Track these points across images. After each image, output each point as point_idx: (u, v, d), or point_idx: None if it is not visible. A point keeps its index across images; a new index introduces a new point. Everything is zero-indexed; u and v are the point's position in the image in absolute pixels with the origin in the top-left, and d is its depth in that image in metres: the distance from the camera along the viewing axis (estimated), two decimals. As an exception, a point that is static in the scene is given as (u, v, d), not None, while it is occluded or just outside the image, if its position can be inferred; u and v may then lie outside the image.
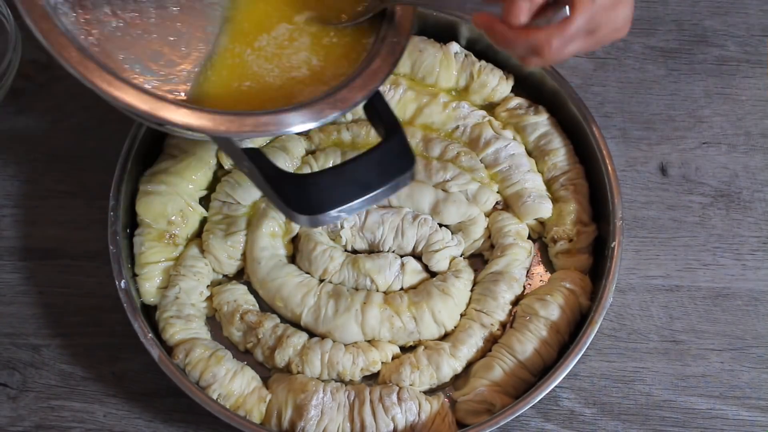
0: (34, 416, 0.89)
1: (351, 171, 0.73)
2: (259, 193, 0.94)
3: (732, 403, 0.91)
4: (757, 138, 1.02)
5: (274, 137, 0.95)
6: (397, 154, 0.75)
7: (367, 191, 0.73)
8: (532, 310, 0.89)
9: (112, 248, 0.88)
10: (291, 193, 0.72)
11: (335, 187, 0.72)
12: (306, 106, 0.73)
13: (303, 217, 0.72)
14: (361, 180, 0.73)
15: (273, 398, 0.85)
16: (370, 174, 0.73)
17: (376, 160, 0.74)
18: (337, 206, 0.72)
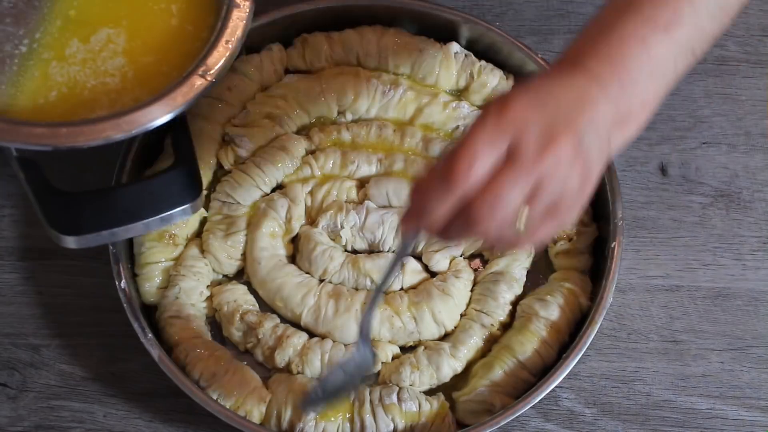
0: (33, 416, 0.89)
1: (120, 196, 0.70)
2: (260, 193, 0.94)
3: (732, 403, 0.91)
4: (757, 138, 1.02)
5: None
6: (181, 185, 0.72)
7: (132, 220, 0.70)
8: (532, 310, 0.89)
9: (112, 248, 0.87)
10: (56, 212, 0.69)
11: (100, 212, 0.69)
12: (92, 122, 0.69)
13: (63, 237, 0.69)
14: (129, 208, 0.70)
15: (273, 398, 0.85)
16: (141, 202, 0.70)
17: (152, 189, 0.71)
18: (97, 230, 0.69)
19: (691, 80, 1.05)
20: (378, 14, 1.00)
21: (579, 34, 0.68)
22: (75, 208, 0.69)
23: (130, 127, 0.69)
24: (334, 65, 1.00)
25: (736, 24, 1.07)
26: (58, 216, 0.69)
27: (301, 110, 0.98)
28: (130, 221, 0.70)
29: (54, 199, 0.70)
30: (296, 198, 0.93)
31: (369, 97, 0.97)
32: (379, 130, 0.96)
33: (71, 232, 0.69)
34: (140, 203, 0.70)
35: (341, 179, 0.94)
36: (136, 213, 0.70)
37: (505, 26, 1.01)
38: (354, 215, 0.92)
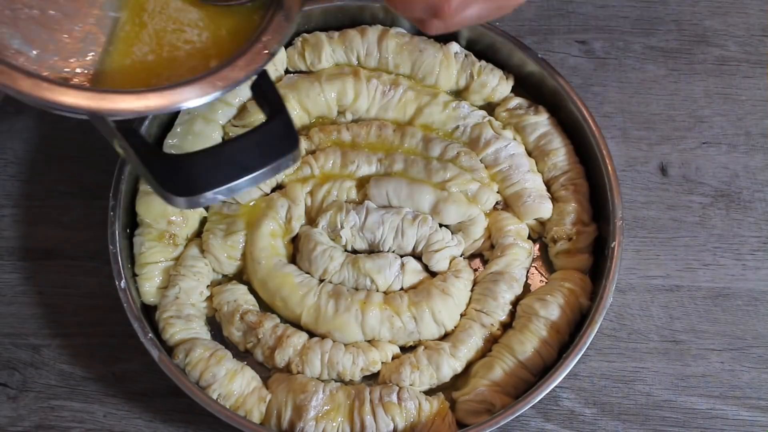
0: (33, 416, 0.89)
1: (229, 152, 0.70)
2: (260, 193, 0.94)
3: (732, 403, 0.91)
4: (757, 138, 1.02)
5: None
6: (280, 135, 0.72)
7: (246, 173, 0.70)
8: (532, 310, 0.89)
9: (112, 248, 0.88)
10: (166, 174, 0.69)
11: (213, 168, 0.69)
12: (184, 84, 0.70)
13: (178, 198, 0.69)
14: (240, 161, 0.70)
15: (273, 398, 0.85)
16: (250, 155, 0.71)
17: (256, 140, 0.71)
18: (214, 188, 0.69)
19: (691, 80, 1.05)
20: (378, 14, 1.00)
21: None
22: (187, 169, 0.69)
23: (224, 84, 0.71)
24: (334, 65, 1.00)
25: (736, 24, 1.07)
26: (172, 179, 0.69)
27: (301, 110, 0.98)
28: (241, 175, 0.70)
29: (164, 162, 0.70)
30: (296, 198, 0.93)
31: (369, 97, 0.98)
32: (379, 130, 0.96)
33: (187, 192, 0.69)
34: (249, 156, 0.71)
35: (341, 179, 0.94)
36: (247, 166, 0.70)
37: (505, 26, 1.01)
38: (354, 215, 0.92)
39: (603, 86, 1.04)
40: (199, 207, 0.81)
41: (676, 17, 1.08)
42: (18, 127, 1.00)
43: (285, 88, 0.97)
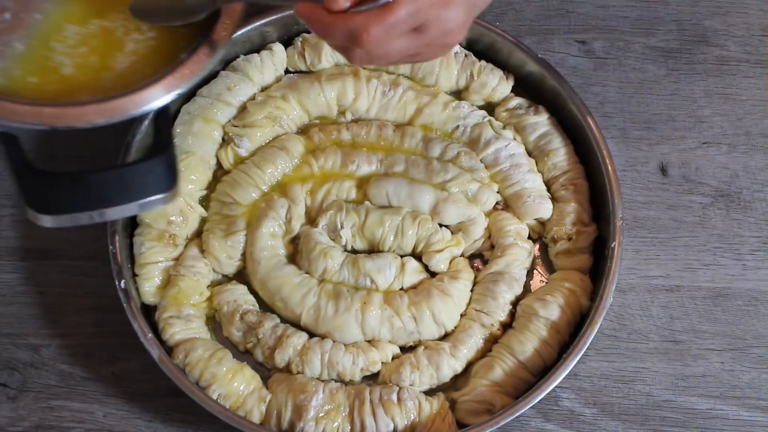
0: (33, 416, 0.89)
1: (96, 180, 0.70)
2: (260, 193, 0.94)
3: (732, 403, 0.91)
4: (757, 138, 1.02)
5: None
6: (157, 175, 0.72)
7: (105, 205, 0.70)
8: (532, 310, 0.89)
9: (112, 248, 0.88)
10: (33, 189, 0.70)
11: (77, 193, 0.70)
12: (78, 104, 0.70)
13: (35, 214, 0.70)
14: (104, 193, 0.70)
15: (273, 398, 0.85)
16: (116, 188, 0.71)
17: (129, 176, 0.71)
18: (68, 212, 0.70)
19: (691, 80, 1.05)
20: (378, 14, 1.00)
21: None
22: (52, 188, 0.70)
23: (112, 114, 0.70)
24: (334, 65, 1.00)
25: (736, 24, 1.07)
26: (35, 194, 0.70)
27: (301, 110, 0.98)
28: (104, 206, 0.70)
29: (32, 177, 0.70)
30: (296, 198, 0.93)
31: (369, 97, 0.98)
32: (379, 130, 0.96)
33: (46, 210, 0.70)
34: (116, 189, 0.71)
35: (341, 179, 0.94)
36: (111, 198, 0.70)
37: (505, 26, 1.01)
38: (354, 215, 0.92)
39: (603, 86, 1.04)
40: (59, 226, 0.78)
41: (676, 17, 1.08)
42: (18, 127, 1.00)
43: (285, 88, 0.97)
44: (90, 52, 0.75)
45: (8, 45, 0.74)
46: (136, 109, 0.71)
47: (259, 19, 0.97)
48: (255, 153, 0.95)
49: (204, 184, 0.95)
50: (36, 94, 0.72)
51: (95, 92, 0.72)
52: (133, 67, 0.75)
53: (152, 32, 0.76)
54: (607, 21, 1.07)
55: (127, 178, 0.71)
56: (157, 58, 0.75)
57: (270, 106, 0.96)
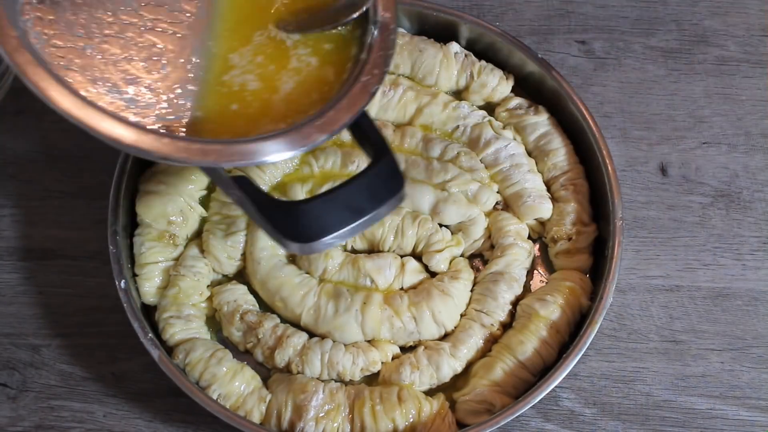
0: (33, 416, 0.89)
1: (343, 196, 0.72)
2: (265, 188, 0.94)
3: (732, 403, 0.91)
4: (757, 138, 1.02)
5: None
6: (387, 176, 0.73)
7: (360, 216, 0.71)
8: (532, 310, 0.89)
9: (112, 248, 0.88)
10: (282, 221, 0.70)
11: (328, 214, 0.71)
12: (292, 131, 0.71)
13: (295, 245, 0.70)
14: (353, 205, 0.71)
15: (273, 398, 0.85)
16: (362, 198, 0.72)
17: (366, 184, 0.73)
18: (331, 233, 0.70)
19: (691, 80, 1.05)
20: (378, 14, 1.00)
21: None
22: (303, 215, 0.70)
23: (332, 128, 0.71)
24: (334, 65, 1.00)
25: (736, 24, 1.07)
26: (289, 226, 0.70)
27: (301, 110, 0.98)
28: (355, 219, 0.71)
29: (279, 209, 0.71)
30: (296, 197, 0.93)
31: (371, 103, 0.97)
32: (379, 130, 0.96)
33: (305, 239, 0.70)
34: (360, 199, 0.72)
35: (341, 179, 0.94)
36: (360, 209, 0.71)
37: (505, 26, 1.01)
38: (354, 215, 0.92)
39: (603, 86, 1.04)
40: (315, 252, 0.83)
41: (676, 17, 1.08)
42: (18, 127, 1.00)
43: (285, 88, 0.97)
44: (266, 63, 0.76)
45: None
46: (340, 125, 0.72)
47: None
48: (255, 153, 0.95)
49: (204, 184, 0.95)
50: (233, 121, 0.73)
51: (270, 120, 0.73)
52: (302, 86, 0.76)
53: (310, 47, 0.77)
54: (607, 21, 1.07)
55: (368, 186, 0.72)
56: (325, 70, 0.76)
57: (270, 106, 0.96)
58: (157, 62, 0.74)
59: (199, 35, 0.76)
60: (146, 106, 0.72)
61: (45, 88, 0.67)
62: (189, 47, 0.75)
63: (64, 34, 0.72)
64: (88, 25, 0.73)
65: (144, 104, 0.72)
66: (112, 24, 0.74)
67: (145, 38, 0.75)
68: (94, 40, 0.73)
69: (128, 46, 0.74)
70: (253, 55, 0.76)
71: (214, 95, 0.74)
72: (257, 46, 0.77)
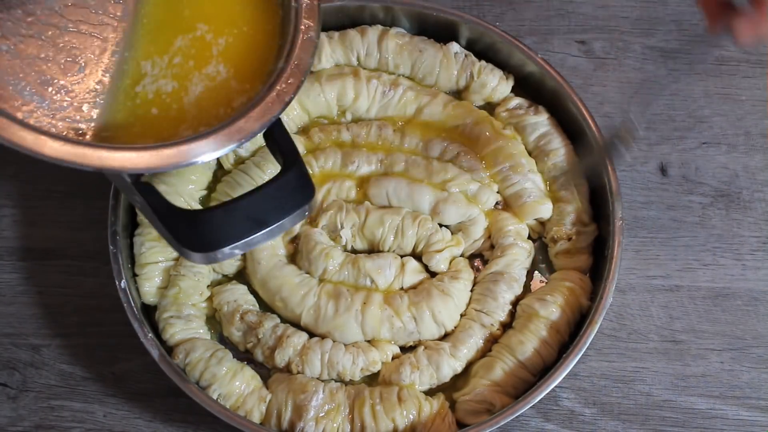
0: (34, 416, 0.89)
1: (245, 207, 0.71)
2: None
3: (732, 403, 0.91)
4: (757, 138, 1.02)
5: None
6: (294, 187, 0.72)
7: (261, 227, 0.70)
8: (532, 310, 0.89)
9: (112, 248, 0.88)
10: (182, 230, 0.69)
11: (228, 224, 0.70)
12: (201, 137, 0.69)
13: (195, 254, 0.70)
14: (255, 216, 0.70)
15: (273, 398, 0.85)
16: (265, 209, 0.71)
17: (271, 194, 0.71)
18: (230, 243, 0.69)
19: (691, 80, 1.05)
20: (378, 14, 1.00)
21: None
22: (203, 225, 0.70)
23: (240, 136, 0.70)
24: (334, 65, 1.00)
25: (736, 24, 1.07)
26: (188, 235, 0.69)
27: (301, 110, 0.98)
28: (257, 230, 0.70)
29: (180, 218, 0.70)
30: (296, 198, 0.93)
31: (369, 97, 0.97)
32: (379, 130, 0.96)
33: (203, 248, 0.69)
34: (264, 210, 0.71)
35: (341, 179, 0.94)
36: (263, 220, 0.70)
37: (505, 26, 1.01)
38: (354, 215, 0.92)
39: (603, 86, 1.04)
40: (215, 262, 0.82)
41: (676, 17, 1.08)
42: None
43: (285, 88, 0.97)
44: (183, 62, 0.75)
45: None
46: (248, 134, 0.71)
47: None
48: (255, 153, 0.95)
49: (204, 184, 0.95)
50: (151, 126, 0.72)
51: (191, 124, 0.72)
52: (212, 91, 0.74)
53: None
54: (607, 21, 1.07)
55: (272, 196, 0.71)
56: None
57: (270, 106, 0.96)
58: (74, 64, 0.72)
59: (122, 38, 0.75)
60: (59, 109, 0.70)
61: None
62: (109, 50, 0.74)
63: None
64: (4, 24, 0.71)
65: (57, 107, 0.70)
66: (31, 24, 0.72)
67: (64, 39, 0.73)
68: (11, 40, 0.71)
69: (45, 47, 0.72)
70: (171, 59, 0.75)
71: (129, 101, 0.73)
72: (176, 50, 0.75)
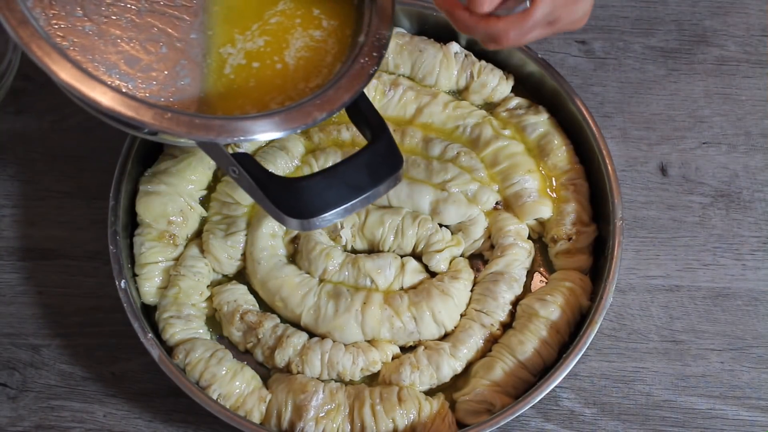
0: (33, 416, 0.89)
1: (342, 173, 0.73)
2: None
3: (732, 403, 0.91)
4: (757, 138, 1.02)
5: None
6: (385, 154, 0.74)
7: (360, 193, 0.72)
8: (532, 310, 0.89)
9: (112, 248, 0.88)
10: (283, 198, 0.71)
11: (327, 190, 0.72)
12: (292, 109, 0.72)
13: (295, 221, 0.71)
14: (353, 182, 0.72)
15: (273, 398, 0.85)
16: (361, 175, 0.73)
17: (365, 161, 0.73)
18: (330, 209, 0.71)
19: (691, 80, 1.05)
20: (378, 14, 1.00)
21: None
22: (302, 192, 0.71)
23: (331, 107, 0.73)
24: (334, 65, 1.00)
25: (736, 24, 1.07)
26: (289, 201, 0.71)
27: (301, 110, 0.98)
28: (354, 196, 0.72)
29: (279, 185, 0.72)
30: (296, 198, 0.93)
31: (369, 97, 0.97)
32: (379, 130, 0.96)
33: (304, 215, 0.71)
34: (359, 177, 0.73)
35: (341, 179, 0.94)
36: (359, 186, 0.72)
37: (505, 26, 1.01)
38: (354, 215, 0.92)
39: (603, 86, 1.04)
40: (314, 229, 0.82)
41: (676, 17, 1.08)
42: (18, 127, 1.00)
43: (285, 88, 0.98)
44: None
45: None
46: (343, 101, 0.74)
47: (259, 19, 0.97)
48: (255, 153, 0.95)
49: (204, 184, 0.95)
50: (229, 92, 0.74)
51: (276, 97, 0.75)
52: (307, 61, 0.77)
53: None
54: (607, 21, 1.07)
55: (366, 163, 0.73)
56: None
57: (270, 106, 0.96)
58: (156, 43, 0.75)
59: (199, 17, 0.77)
60: (145, 87, 0.73)
61: (50, 61, 0.68)
62: (188, 29, 0.77)
63: (64, 14, 0.73)
64: (87, 6, 0.74)
65: (143, 85, 0.73)
66: (110, 5, 0.75)
67: (144, 20, 0.76)
68: (94, 20, 0.74)
69: (127, 27, 0.75)
70: (253, 37, 0.78)
71: (213, 75, 0.75)
72: (256, 30, 0.78)
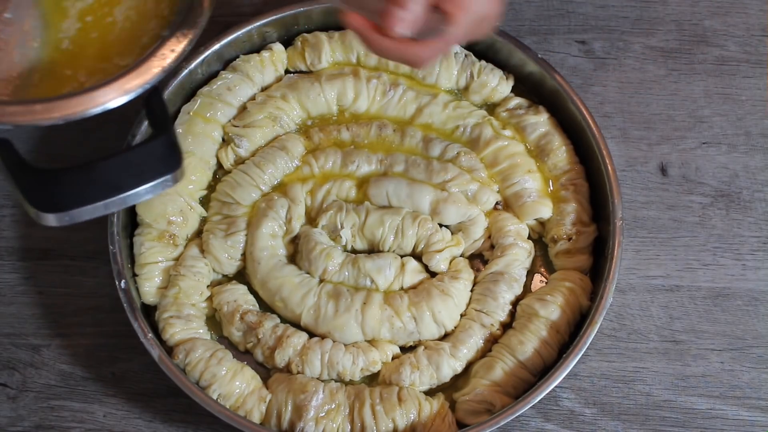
0: (33, 416, 0.89)
1: (103, 170, 0.68)
2: (260, 193, 0.94)
3: (732, 403, 0.91)
4: (757, 138, 1.02)
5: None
6: (160, 155, 0.70)
7: (116, 192, 0.68)
8: (532, 310, 0.89)
9: (112, 248, 0.88)
10: (35, 189, 0.67)
11: (82, 186, 0.68)
12: (78, 94, 0.68)
13: (46, 215, 0.68)
14: (112, 180, 0.68)
15: (273, 398, 0.85)
16: (124, 174, 0.69)
17: (133, 160, 0.69)
18: (80, 206, 0.67)
19: (691, 80, 1.05)
20: (378, 14, 1.00)
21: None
22: (54, 185, 0.68)
23: (112, 96, 0.68)
24: (334, 65, 1.00)
25: (736, 24, 1.07)
26: (38, 194, 0.67)
27: (301, 110, 0.98)
28: (112, 195, 0.68)
29: (32, 176, 0.68)
30: (296, 198, 0.93)
31: (369, 97, 0.98)
32: (379, 130, 0.96)
33: (54, 209, 0.67)
34: (121, 175, 0.69)
35: (341, 179, 0.94)
36: (118, 186, 0.68)
37: (505, 26, 1.01)
38: (354, 215, 0.92)
39: (603, 86, 1.04)
40: (67, 224, 0.75)
41: (676, 17, 1.08)
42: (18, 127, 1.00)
43: (285, 88, 0.97)
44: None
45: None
46: (124, 95, 0.68)
47: (259, 20, 0.97)
48: (255, 153, 0.96)
49: (204, 184, 0.95)
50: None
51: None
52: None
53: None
54: (607, 21, 1.07)
55: (133, 162, 0.69)
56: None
57: (270, 106, 0.96)
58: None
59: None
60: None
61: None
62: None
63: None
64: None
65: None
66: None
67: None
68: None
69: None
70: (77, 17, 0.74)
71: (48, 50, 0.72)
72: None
